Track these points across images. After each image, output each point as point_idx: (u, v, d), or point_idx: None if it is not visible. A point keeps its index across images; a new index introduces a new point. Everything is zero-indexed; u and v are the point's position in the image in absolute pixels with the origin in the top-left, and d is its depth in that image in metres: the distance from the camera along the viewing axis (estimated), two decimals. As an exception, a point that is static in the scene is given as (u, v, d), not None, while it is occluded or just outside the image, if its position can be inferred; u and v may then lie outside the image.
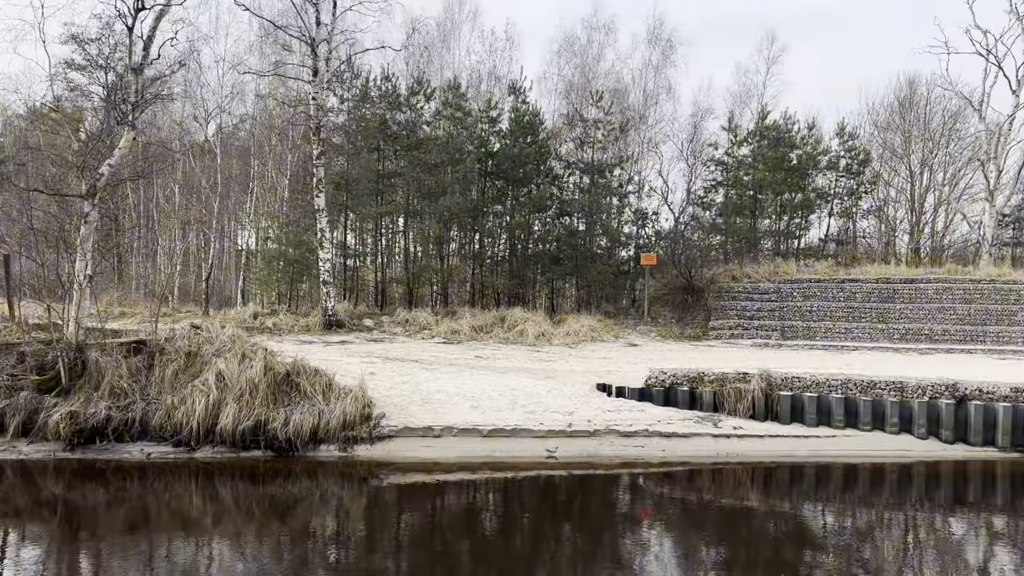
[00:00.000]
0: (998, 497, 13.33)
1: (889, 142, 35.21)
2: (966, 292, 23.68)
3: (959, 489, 13.63)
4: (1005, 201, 31.76)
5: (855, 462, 14.43)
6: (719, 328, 24.55)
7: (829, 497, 13.05)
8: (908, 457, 14.68)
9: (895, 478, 13.98)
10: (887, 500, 13.01)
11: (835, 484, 13.71)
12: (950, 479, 13.96)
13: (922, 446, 14.99)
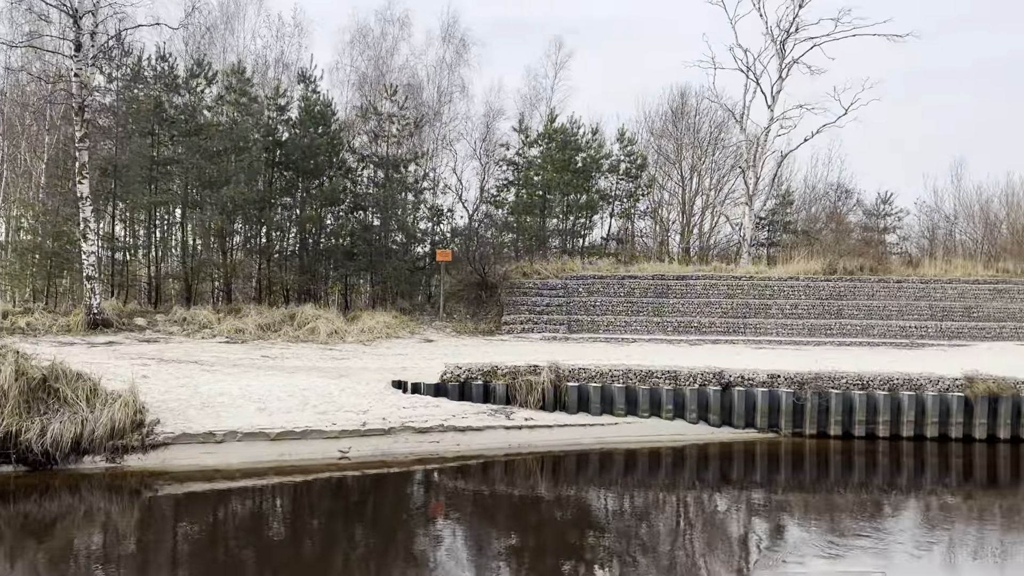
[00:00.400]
0: (757, 474, 14.72)
1: (663, 148, 37.98)
2: (729, 288, 26.05)
3: (725, 468, 14.88)
4: (761, 205, 35.39)
5: (635, 447, 15.31)
6: (511, 323, 25.19)
7: (612, 482, 13.76)
8: (681, 441, 15.81)
9: (670, 461, 15.02)
10: (663, 481, 13.94)
11: (617, 469, 14.48)
12: (717, 459, 15.21)
13: (694, 430, 16.20)
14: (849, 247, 30.26)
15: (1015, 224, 32.63)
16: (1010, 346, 23.60)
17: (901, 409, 16.30)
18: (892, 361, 19.48)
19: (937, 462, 15.37)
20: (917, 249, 34.04)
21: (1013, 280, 26.57)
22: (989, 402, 16.29)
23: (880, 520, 11.98)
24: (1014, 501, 13.35)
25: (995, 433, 16.27)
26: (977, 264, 28.57)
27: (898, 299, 25.91)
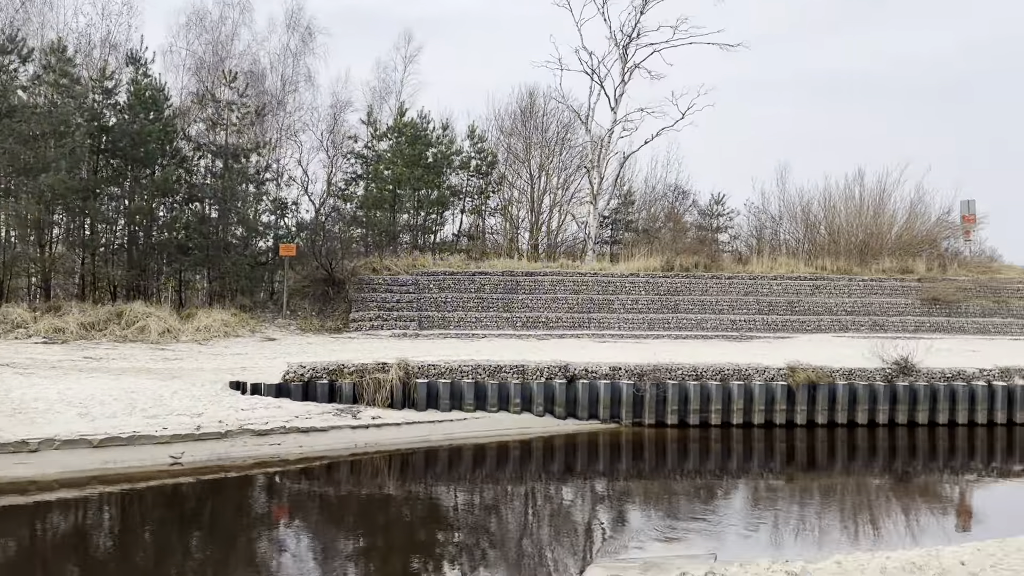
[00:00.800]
0: (600, 463, 15.18)
1: (513, 147, 38.47)
2: (575, 284, 26.78)
3: (569, 459, 15.24)
4: (605, 204, 36.63)
5: (484, 442, 15.38)
6: (360, 320, 24.69)
7: (461, 477, 13.76)
8: (528, 433, 16.03)
9: (518, 454, 15.20)
10: (511, 474, 14.09)
11: (466, 464, 14.50)
12: (563, 450, 15.55)
13: (540, 423, 16.48)
14: (685, 245, 31.89)
15: (832, 225, 35.57)
16: (827, 338, 25.66)
17: (731, 398, 17.31)
18: (723, 353, 20.66)
19: (763, 447, 16.44)
20: (747, 247, 36.40)
21: (830, 276, 28.92)
22: (809, 390, 17.60)
23: (714, 503, 12.65)
24: (830, 481, 14.47)
25: (814, 419, 17.59)
26: (799, 262, 30.85)
27: (729, 295, 27.57)
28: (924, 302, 27.85)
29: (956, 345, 23.93)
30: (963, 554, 7.31)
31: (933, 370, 18.40)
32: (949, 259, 32.34)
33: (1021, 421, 18.25)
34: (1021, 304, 28.79)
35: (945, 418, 18.05)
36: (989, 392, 18.22)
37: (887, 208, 34.87)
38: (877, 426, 17.74)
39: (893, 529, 11.45)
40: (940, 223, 35.50)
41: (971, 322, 27.47)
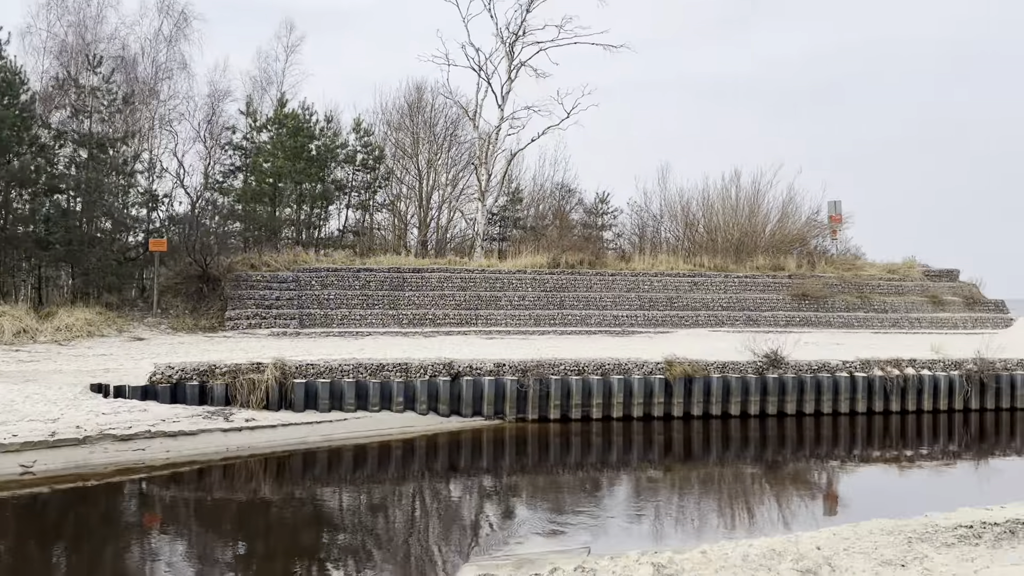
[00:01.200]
0: (484, 460, 15.12)
1: (400, 142, 37.98)
2: (463, 281, 26.68)
3: (453, 456, 15.11)
4: (494, 201, 36.68)
5: (365, 442, 15.05)
6: (236, 318, 23.74)
7: (340, 479, 13.39)
8: (412, 432, 15.80)
9: (400, 453, 14.94)
10: (393, 475, 13.83)
11: (346, 466, 14.13)
12: (446, 448, 15.40)
13: (424, 421, 16.27)
14: (571, 243, 32.34)
15: (710, 224, 36.91)
16: (704, 332, 26.58)
17: (612, 392, 17.63)
18: (605, 348, 21.04)
19: (642, 439, 16.81)
20: (630, 245, 37.32)
21: (707, 273, 29.97)
22: (685, 383, 18.13)
23: (594, 496, 12.81)
24: (706, 471, 14.94)
25: (690, 411, 18.14)
26: (679, 259, 31.83)
27: (613, 291, 28.14)
28: (794, 298, 29.27)
29: (822, 339, 25.24)
30: (820, 539, 7.62)
31: (801, 363, 19.31)
32: (818, 257, 34.15)
33: (880, 410, 19.43)
34: (882, 300, 30.71)
35: (812, 408, 19.00)
36: (851, 383, 19.30)
37: (761, 208, 36.52)
38: (749, 417, 18.47)
39: (764, 516, 11.90)
40: (810, 223, 37.45)
41: (837, 316, 29.08)
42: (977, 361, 20.49)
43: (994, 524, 8.23)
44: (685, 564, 6.84)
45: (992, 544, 7.43)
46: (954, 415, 19.71)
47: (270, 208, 32.17)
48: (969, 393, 20.10)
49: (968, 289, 33.30)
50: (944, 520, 8.55)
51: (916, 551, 7.21)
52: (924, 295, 31.65)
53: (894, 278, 32.43)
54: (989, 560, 6.75)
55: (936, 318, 30.47)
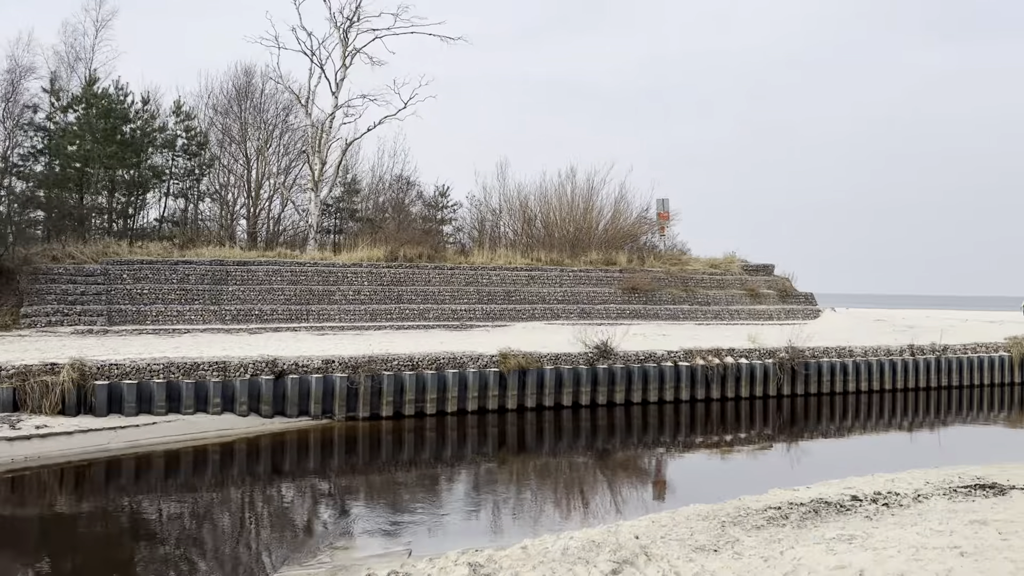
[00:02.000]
0: (311, 462, 14.36)
1: (228, 128, 35.83)
2: (293, 274, 25.46)
3: (277, 459, 14.24)
4: (328, 192, 35.38)
5: (177, 447, 13.91)
6: (35, 315, 21.41)
7: (150, 487, 12.24)
8: (231, 435, 14.78)
9: (218, 458, 13.92)
10: (209, 481, 12.82)
11: (156, 473, 12.97)
12: (270, 451, 14.51)
13: (244, 423, 15.28)
14: (410, 236, 31.73)
15: (547, 219, 37.44)
16: (540, 325, 26.86)
17: (447, 386, 17.32)
18: (442, 342, 20.71)
19: (477, 433, 16.62)
20: (469, 239, 37.21)
21: (544, 268, 30.34)
22: (519, 375, 18.13)
23: (423, 494, 12.41)
24: (539, 463, 14.92)
25: (524, 403, 18.16)
26: (517, 254, 32.01)
27: (452, 285, 27.87)
28: (625, 291, 30.18)
29: (650, 330, 26.15)
30: (639, 527, 7.62)
31: (629, 353, 19.84)
32: (647, 252, 35.43)
33: (702, 398, 20.32)
34: (705, 293, 32.29)
35: (639, 397, 19.57)
36: (676, 372, 20.05)
37: (595, 205, 37.43)
38: (581, 407, 18.75)
39: (592, 506, 11.97)
40: (640, 219, 38.81)
41: (664, 309, 30.27)
42: (789, 350, 21.90)
43: (800, 504, 8.57)
44: (504, 561, 6.58)
45: (797, 524, 7.70)
46: (769, 401, 20.95)
47: (76, 195, 29.36)
48: (782, 380, 21.44)
49: (782, 283, 35.70)
50: (755, 503, 8.82)
51: (729, 535, 7.33)
52: (743, 288, 33.59)
53: (716, 272, 34.21)
54: (794, 540, 6.95)
55: (753, 310, 32.43)
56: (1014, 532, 6.40)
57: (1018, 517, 6.91)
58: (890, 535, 6.70)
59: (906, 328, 31.56)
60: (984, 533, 6.46)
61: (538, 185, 37.73)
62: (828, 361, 22.21)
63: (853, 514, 8.31)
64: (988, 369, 24.64)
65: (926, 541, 6.32)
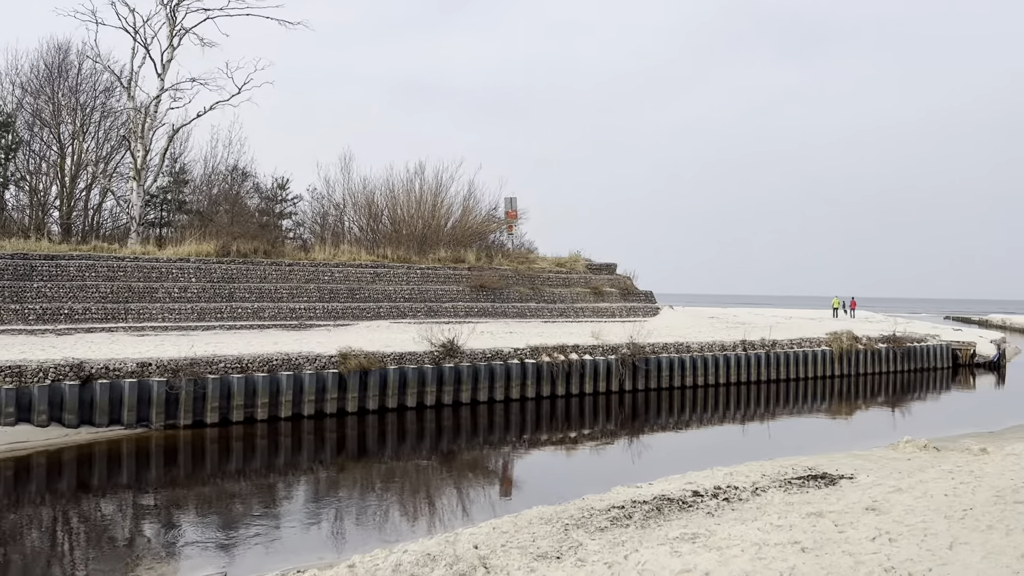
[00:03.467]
0: (123, 475, 12.89)
1: (39, 110, 32.39)
2: (111, 270, 23.21)
3: (83, 474, 12.68)
4: (153, 181, 32.73)
5: (-43, 466, 12.06)
6: None
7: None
8: (25, 448, 13.04)
9: (11, 475, 12.20)
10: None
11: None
12: (74, 465, 12.91)
13: (43, 434, 13.54)
14: (244, 230, 29.87)
15: (394, 215, 36.46)
16: (385, 324, 25.96)
17: (280, 390, 16.18)
18: (278, 343, 19.45)
19: (314, 439, 15.61)
20: (311, 234, 35.62)
21: (391, 265, 29.42)
22: (360, 376, 17.25)
23: (247, 508, 11.36)
24: (381, 468, 14.15)
25: (365, 405, 17.30)
26: (362, 250, 30.87)
27: (290, 282, 26.42)
28: (473, 289, 29.82)
29: (498, 328, 25.92)
30: (479, 536, 7.09)
31: (476, 351, 19.41)
32: (495, 250, 35.29)
33: (547, 395, 20.22)
34: (552, 291, 32.51)
35: (486, 396, 19.18)
36: (522, 370, 19.82)
37: (444, 201, 36.87)
38: (426, 408, 18.11)
39: (432, 512, 11.36)
40: (489, 217, 38.64)
41: (511, 307, 30.16)
42: (630, 346, 22.26)
43: (643, 503, 8.35)
44: (327, 585, 5.85)
45: (641, 524, 7.43)
46: (612, 396, 21.17)
47: None
48: (624, 376, 21.74)
49: (624, 281, 36.61)
50: (600, 502, 8.53)
51: (572, 539, 6.94)
52: (587, 287, 34.13)
53: (562, 271, 34.57)
54: (638, 542, 6.65)
55: (597, 307, 32.99)
56: (849, 524, 6.39)
57: (851, 508, 6.96)
58: (732, 532, 6.54)
59: (738, 325, 33.17)
60: (821, 526, 6.42)
61: (385, 179, 36.66)
62: (667, 357, 22.76)
63: (695, 510, 8.19)
64: (812, 363, 26.17)
65: (767, 537, 6.18)
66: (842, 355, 27.12)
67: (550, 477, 13.97)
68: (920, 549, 5.44)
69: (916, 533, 5.87)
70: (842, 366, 27.04)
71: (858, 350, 27.71)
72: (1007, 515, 6.10)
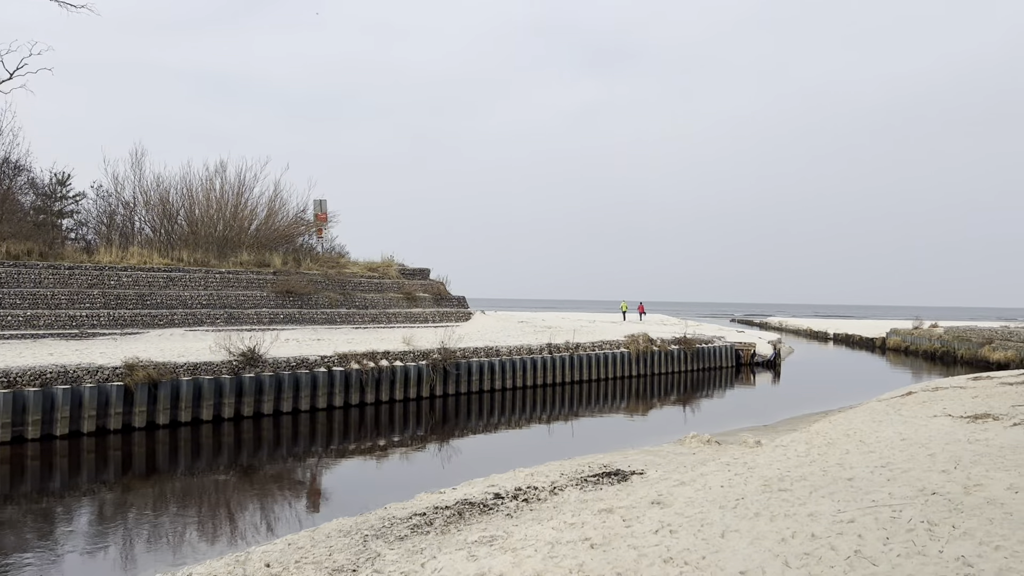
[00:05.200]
0: None
1: None
2: None
3: None
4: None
5: None
6: None
7: None
8: None
9: None
10: None
11: None
12: None
13: None
14: (17, 229, 26.90)
15: (191, 216, 34.26)
16: (179, 332, 24.32)
17: (55, 405, 14.70)
18: (53, 354, 17.65)
19: (96, 458, 14.31)
20: (96, 235, 32.64)
21: (187, 268, 27.61)
22: (150, 389, 16.05)
23: (35, 535, 10.18)
24: (170, 486, 13.20)
25: (155, 419, 16.11)
26: (154, 252, 28.76)
27: (70, 287, 24.10)
28: (279, 295, 28.68)
29: (305, 335, 25.11)
30: (272, 553, 6.76)
31: (279, 360, 18.66)
32: (304, 254, 34.19)
33: (357, 403, 19.81)
34: (363, 296, 31.96)
35: (290, 406, 18.47)
36: (330, 378, 19.29)
37: (248, 202, 35.17)
38: (224, 420, 17.16)
39: (226, 532, 10.72)
40: (297, 220, 37.34)
41: (320, 313, 29.31)
42: (442, 351, 22.33)
43: (445, 508, 8.34)
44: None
45: (441, 530, 7.41)
46: (423, 402, 21.12)
47: None
48: (435, 381, 21.77)
49: (437, 286, 36.73)
50: (402, 510, 8.43)
51: (371, 550, 6.79)
52: (400, 292, 33.90)
53: (375, 276, 34.11)
54: (437, 548, 6.62)
55: (410, 313, 32.85)
56: (635, 518, 6.71)
57: (639, 503, 7.32)
58: (528, 532, 6.67)
59: (546, 329, 34.26)
60: (611, 521, 6.70)
61: (182, 178, 34.36)
62: (477, 361, 23.06)
63: (495, 513, 8.29)
64: (612, 364, 27.54)
65: (560, 536, 6.36)
66: (639, 356, 28.77)
67: (354, 487, 13.66)
68: (696, 539, 5.80)
69: (694, 524, 6.27)
70: (639, 367, 28.68)
71: (653, 351, 29.51)
72: (772, 502, 6.66)
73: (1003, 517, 5.32)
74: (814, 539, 5.29)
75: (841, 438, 9.75)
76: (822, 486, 6.70)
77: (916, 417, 10.92)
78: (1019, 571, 4.32)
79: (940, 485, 6.32)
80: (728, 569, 4.91)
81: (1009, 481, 6.26)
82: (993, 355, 35.97)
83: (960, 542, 4.86)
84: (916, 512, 5.60)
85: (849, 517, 5.67)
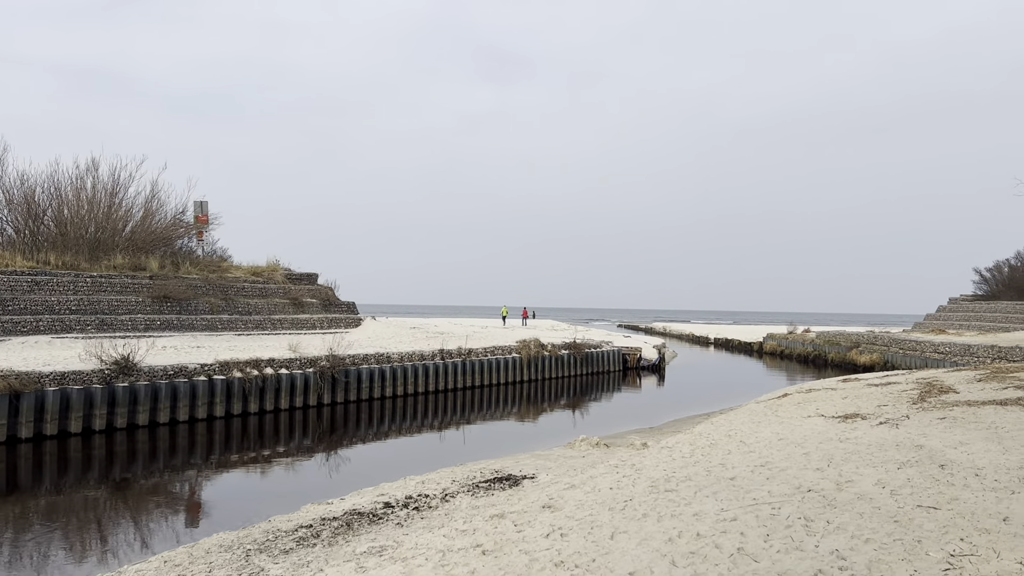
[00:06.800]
0: None
1: None
2: None
3: None
4: None
5: None
6: None
7: None
8: None
9: None
10: None
11: None
12: None
13: None
14: None
15: (60, 216, 32.17)
16: (45, 340, 22.73)
17: (-101, 420, 13.44)
18: (-102, 363, 16.16)
19: (-55, 477, 13.16)
20: (-50, 236, 30.13)
21: (54, 272, 25.91)
22: (10, 400, 14.93)
23: None
24: (45, 501, 12.29)
25: (16, 434, 15.02)
26: (17, 255, 26.87)
27: (-80, 291, 22.13)
28: (156, 300, 27.32)
29: (183, 342, 24.02)
30: (147, 572, 6.37)
31: (156, 368, 17.75)
32: (183, 258, 32.71)
33: (239, 412, 19.07)
34: (246, 301, 30.85)
35: (167, 417, 17.58)
36: (210, 387, 18.49)
37: (123, 202, 33.33)
38: (94, 433, 16.15)
39: (99, 550, 10.05)
40: (176, 222, 35.67)
41: (201, 319, 28.11)
42: (330, 358, 21.81)
43: (333, 519, 8.12)
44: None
45: (329, 542, 7.20)
46: (310, 411, 20.56)
47: None
48: (323, 389, 21.23)
49: (325, 292, 35.88)
50: (287, 523, 8.14)
51: (254, 565, 6.51)
52: (286, 297, 32.94)
53: (259, 280, 33.00)
54: (324, 562, 6.41)
55: (297, 319, 31.95)
56: (527, 523, 6.71)
57: (530, 507, 7.33)
58: (420, 541, 6.56)
59: (438, 335, 34.09)
60: (503, 527, 6.67)
61: (50, 175, 32.21)
62: (367, 368, 22.67)
63: (385, 522, 8.12)
64: (504, 369, 27.67)
65: (452, 543, 6.28)
66: (530, 361, 29.03)
67: (237, 500, 13.10)
68: (587, 541, 5.85)
69: (584, 526, 6.33)
70: (531, 372, 28.94)
71: (544, 356, 29.85)
72: (659, 503, 6.81)
73: (872, 511, 5.62)
74: (699, 538, 5.43)
75: (723, 439, 10.10)
76: (706, 486, 6.90)
77: (792, 418, 11.45)
78: (887, 562, 4.56)
79: (815, 482, 6.62)
80: (617, 570, 4.97)
81: (877, 477, 6.63)
82: (860, 358, 38.37)
83: (834, 536, 5.09)
84: (794, 509, 5.85)
85: (732, 515, 5.85)
